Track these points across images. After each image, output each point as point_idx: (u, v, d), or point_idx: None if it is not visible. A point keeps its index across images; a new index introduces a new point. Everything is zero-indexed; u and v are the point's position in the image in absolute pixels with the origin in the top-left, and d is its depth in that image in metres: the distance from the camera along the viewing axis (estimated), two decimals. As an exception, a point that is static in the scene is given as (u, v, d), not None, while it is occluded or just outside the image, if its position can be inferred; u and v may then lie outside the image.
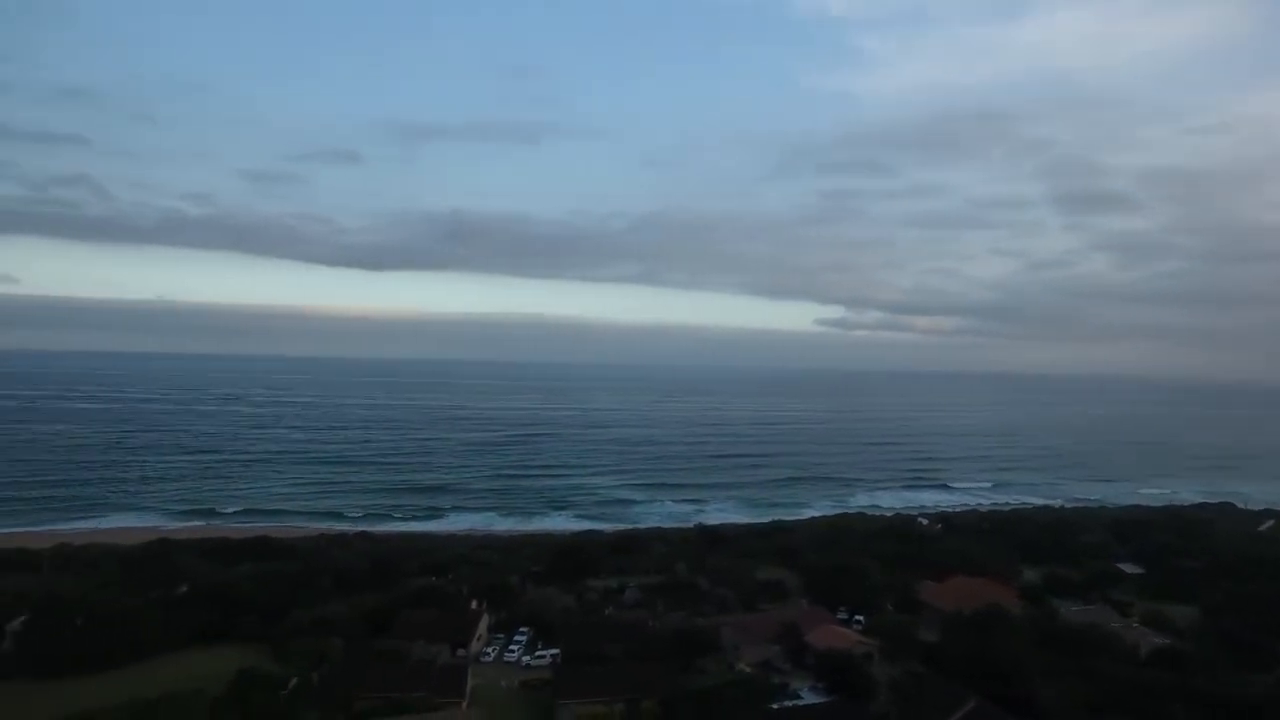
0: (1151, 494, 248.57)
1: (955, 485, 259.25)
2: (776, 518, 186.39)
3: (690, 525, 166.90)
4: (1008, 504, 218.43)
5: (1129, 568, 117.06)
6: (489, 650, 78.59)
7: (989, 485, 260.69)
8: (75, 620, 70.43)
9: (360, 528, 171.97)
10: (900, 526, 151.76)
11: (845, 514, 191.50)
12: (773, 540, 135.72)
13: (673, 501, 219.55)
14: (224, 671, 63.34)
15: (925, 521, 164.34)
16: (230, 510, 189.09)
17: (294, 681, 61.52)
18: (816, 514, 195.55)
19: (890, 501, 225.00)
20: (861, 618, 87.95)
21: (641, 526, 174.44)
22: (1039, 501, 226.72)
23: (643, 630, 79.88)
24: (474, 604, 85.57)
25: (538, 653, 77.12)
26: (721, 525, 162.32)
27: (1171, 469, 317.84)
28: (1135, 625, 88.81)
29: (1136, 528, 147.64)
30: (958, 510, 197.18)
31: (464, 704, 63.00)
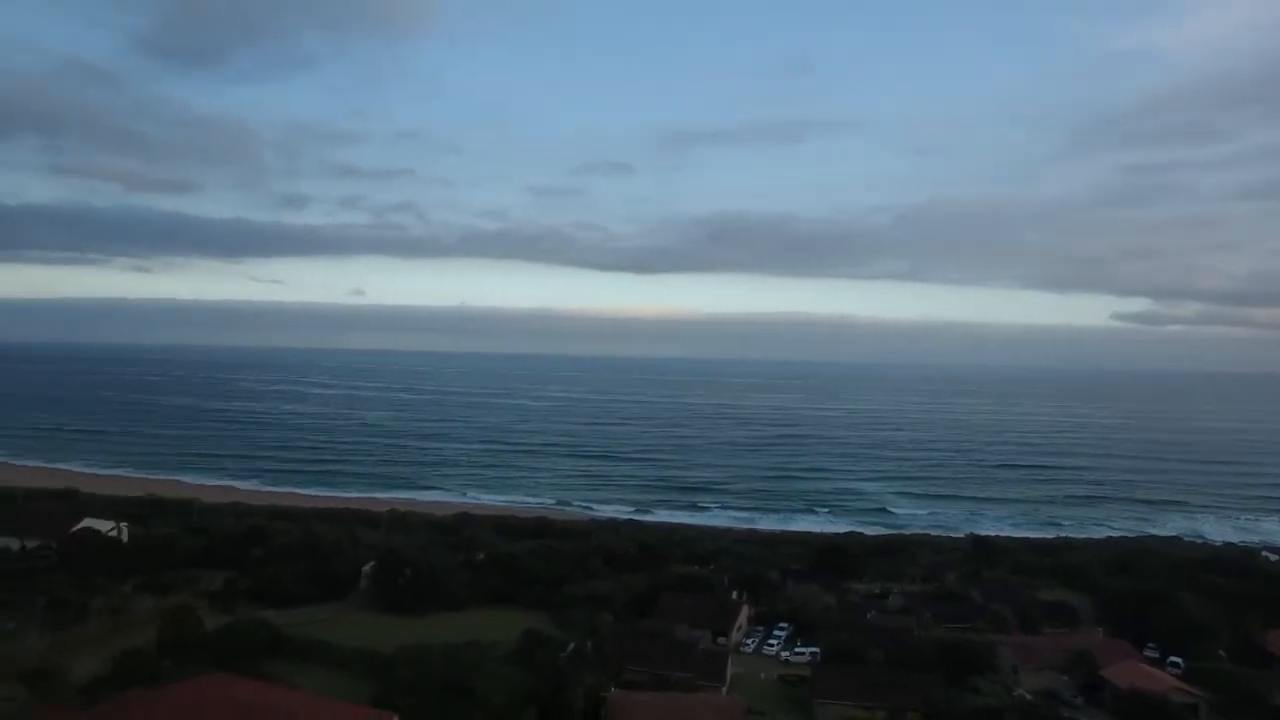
0: None
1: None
2: (1061, 535, 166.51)
3: (961, 535, 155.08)
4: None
5: None
6: (748, 641, 79.64)
7: None
8: (405, 571, 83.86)
9: (627, 515, 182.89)
10: (1233, 559, 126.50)
11: (1152, 537, 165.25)
12: (1056, 558, 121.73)
13: (941, 510, 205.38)
14: (512, 630, 71.35)
15: (1274, 557, 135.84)
16: (511, 493, 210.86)
17: (571, 646, 67.37)
18: (1113, 534, 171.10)
19: (1218, 530, 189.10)
20: (1179, 660, 75.30)
21: (906, 532, 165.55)
22: None
23: (907, 638, 75.94)
24: (734, 594, 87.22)
25: (797, 649, 76.61)
26: (996, 537, 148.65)
27: None
28: None
29: None
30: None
31: (724, 689, 64.61)
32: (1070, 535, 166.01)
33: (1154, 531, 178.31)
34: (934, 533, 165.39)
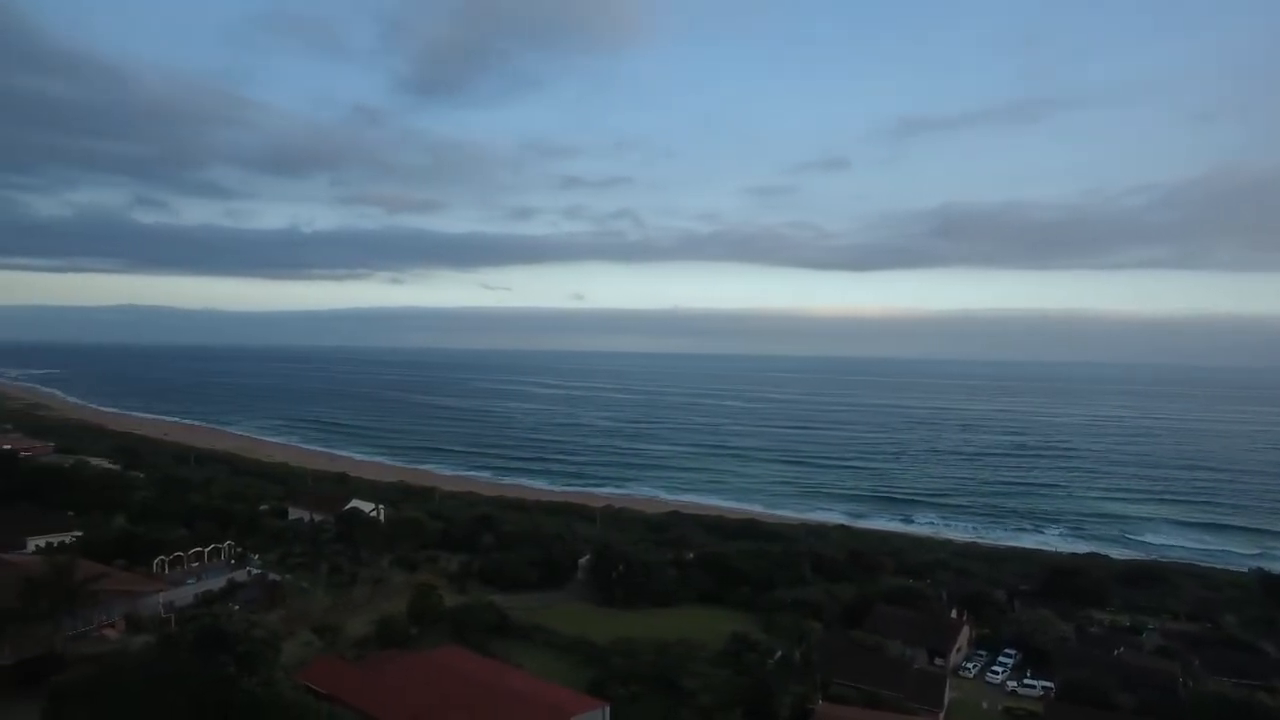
0: None
1: None
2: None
3: (1243, 570, 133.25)
4: None
5: None
6: (969, 665, 74.15)
7: None
8: (619, 566, 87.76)
9: (837, 520, 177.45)
10: None
11: None
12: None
13: (1211, 540, 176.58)
14: (720, 631, 71.86)
15: None
16: (720, 495, 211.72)
17: (779, 654, 66.67)
18: None
19: None
20: None
21: (1163, 559, 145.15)
22: None
23: (1170, 685, 66.60)
24: (954, 612, 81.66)
25: (1026, 680, 70.07)
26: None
27: None
28: None
29: None
30: None
31: (940, 715, 60.71)
32: None
33: None
34: (1202, 562, 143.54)
